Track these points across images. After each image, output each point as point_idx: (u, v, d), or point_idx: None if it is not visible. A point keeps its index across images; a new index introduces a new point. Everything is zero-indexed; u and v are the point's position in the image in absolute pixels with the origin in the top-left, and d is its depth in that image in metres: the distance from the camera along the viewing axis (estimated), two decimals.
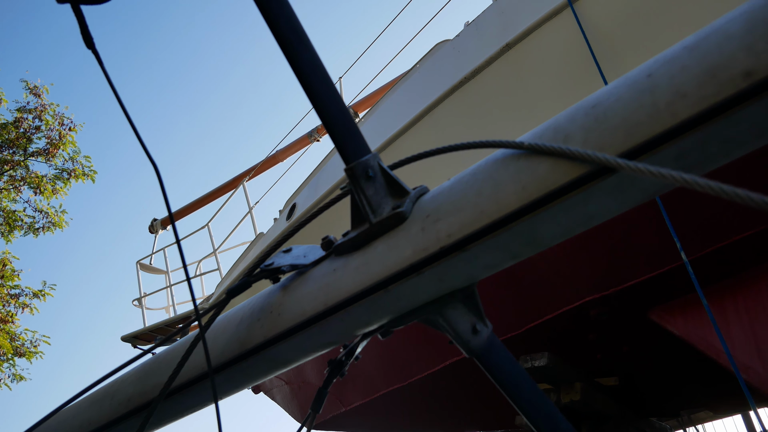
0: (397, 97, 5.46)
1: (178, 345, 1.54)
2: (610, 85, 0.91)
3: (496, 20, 4.62)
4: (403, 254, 1.02)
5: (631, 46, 3.91)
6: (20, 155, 13.49)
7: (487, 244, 0.95)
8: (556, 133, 0.91)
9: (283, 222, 6.62)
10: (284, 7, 1.12)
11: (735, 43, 0.78)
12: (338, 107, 1.11)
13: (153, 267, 9.52)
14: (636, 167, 0.77)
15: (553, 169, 0.88)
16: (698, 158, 0.83)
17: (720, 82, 0.77)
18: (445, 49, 5.05)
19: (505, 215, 0.91)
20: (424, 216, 1.03)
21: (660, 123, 0.80)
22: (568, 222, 0.91)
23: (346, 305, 1.11)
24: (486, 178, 0.96)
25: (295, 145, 9.01)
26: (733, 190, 0.68)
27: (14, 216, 13.61)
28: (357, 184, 1.09)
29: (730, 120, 0.77)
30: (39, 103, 13.47)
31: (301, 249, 1.30)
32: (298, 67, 1.10)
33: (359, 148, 1.12)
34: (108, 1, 1.21)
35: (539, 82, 4.29)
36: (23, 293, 13.36)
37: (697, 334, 3.77)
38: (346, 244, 1.14)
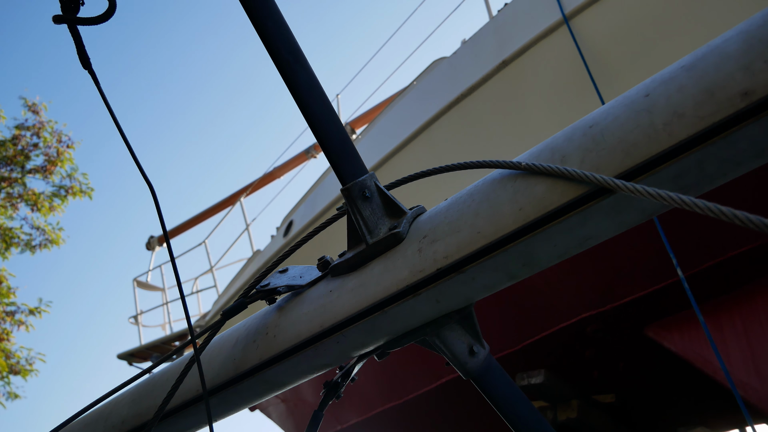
0: (395, 114, 5.47)
1: (173, 366, 1.52)
2: (607, 105, 0.91)
3: (492, 38, 4.65)
4: (399, 276, 1.01)
5: (627, 63, 3.93)
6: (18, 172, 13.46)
7: (484, 266, 0.94)
8: (553, 154, 0.91)
9: (280, 239, 6.61)
10: (281, 27, 1.12)
11: (732, 62, 0.78)
12: (335, 127, 1.11)
13: (150, 284, 9.48)
14: (634, 188, 0.77)
15: (550, 189, 0.87)
16: (696, 179, 0.82)
17: (718, 101, 0.77)
18: (441, 66, 5.08)
19: (502, 236, 0.90)
20: (420, 237, 1.02)
21: (658, 143, 0.80)
22: (566, 243, 0.90)
23: (342, 327, 1.09)
24: (483, 199, 0.96)
25: (293, 161, 9.02)
26: (731, 211, 0.68)
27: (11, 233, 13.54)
28: (353, 204, 1.08)
29: (728, 140, 0.77)
30: (37, 120, 13.47)
31: (297, 269, 1.29)
32: (295, 87, 1.10)
33: (356, 168, 1.11)
34: (105, 21, 1.21)
35: (535, 99, 4.31)
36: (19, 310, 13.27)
37: (693, 351, 3.75)
38: (343, 264, 1.13)
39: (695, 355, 3.72)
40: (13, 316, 13.24)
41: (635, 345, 4.21)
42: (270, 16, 1.11)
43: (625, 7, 3.93)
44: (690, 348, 3.77)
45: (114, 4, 1.20)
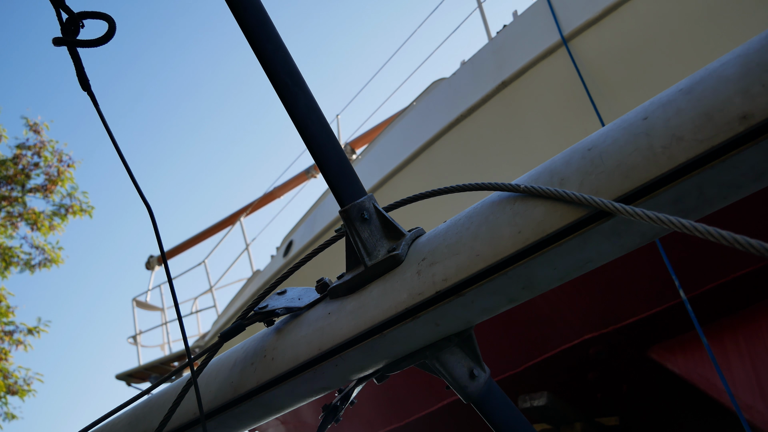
0: (394, 134, 5.49)
1: (170, 388, 1.50)
2: (605, 128, 0.91)
3: (491, 59, 4.67)
4: (398, 298, 1.01)
5: (626, 84, 3.95)
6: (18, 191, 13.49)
7: (483, 289, 0.93)
8: (552, 176, 0.91)
9: (279, 259, 6.60)
10: (279, 50, 1.13)
11: (730, 86, 0.78)
12: (333, 149, 1.11)
13: (149, 304, 9.45)
14: (634, 212, 0.76)
15: (549, 212, 0.87)
16: (696, 202, 0.82)
17: (716, 125, 0.77)
18: (441, 87, 5.10)
19: (501, 259, 0.90)
20: (419, 259, 1.02)
21: (657, 167, 0.79)
22: (566, 266, 0.90)
23: (340, 350, 1.08)
24: (482, 222, 0.95)
25: (293, 181, 9.03)
26: (732, 236, 0.67)
27: (10, 252, 13.53)
28: (352, 226, 1.08)
29: (728, 164, 0.77)
30: (38, 140, 13.52)
31: (295, 291, 1.28)
32: (293, 110, 1.10)
33: (354, 190, 1.11)
34: (104, 44, 1.21)
35: (535, 120, 4.32)
36: (17, 330, 13.21)
37: (697, 373, 3.72)
38: (341, 287, 1.12)
39: (699, 377, 3.69)
40: (11, 335, 13.17)
41: (639, 367, 4.18)
42: (269, 40, 1.12)
43: (623, 28, 3.96)
44: (694, 370, 3.74)
45: (113, 27, 1.21)
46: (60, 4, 1.28)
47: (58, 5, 1.28)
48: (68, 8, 1.28)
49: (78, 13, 1.26)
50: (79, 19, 1.26)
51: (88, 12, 1.26)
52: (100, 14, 1.25)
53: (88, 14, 1.26)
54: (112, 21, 1.22)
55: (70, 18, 1.27)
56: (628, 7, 3.93)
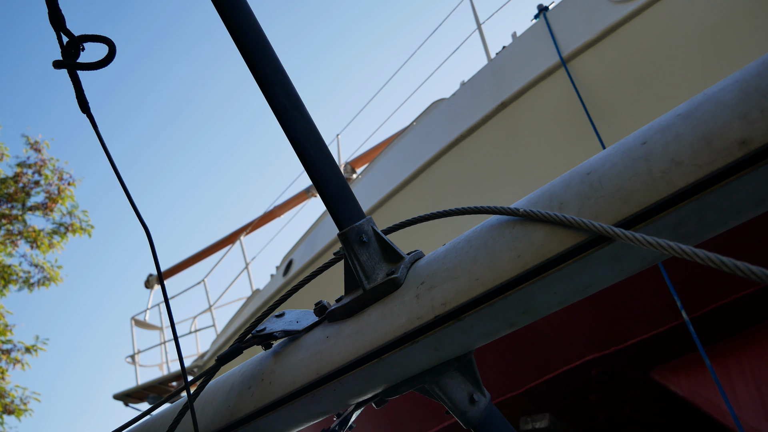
0: (394, 154, 5.50)
1: (166, 412, 1.49)
2: (604, 152, 0.91)
3: (490, 79, 4.70)
4: (397, 322, 1.00)
5: (625, 105, 3.97)
6: (18, 209, 13.49)
7: (482, 313, 0.92)
8: (551, 200, 0.90)
9: (279, 278, 6.58)
10: (278, 73, 1.13)
11: (729, 111, 0.78)
12: (331, 172, 1.11)
13: (147, 323, 9.41)
14: (633, 237, 0.76)
15: (548, 237, 0.86)
16: (696, 227, 0.81)
17: (715, 150, 0.77)
18: (441, 108, 5.13)
19: (500, 284, 0.89)
20: (418, 283, 1.01)
21: (656, 191, 0.79)
22: (565, 291, 0.89)
23: (338, 375, 1.07)
24: (481, 245, 0.95)
25: (293, 200, 9.04)
26: (733, 262, 0.67)
27: (9, 270, 13.50)
28: (350, 249, 1.07)
29: (727, 189, 0.76)
30: (39, 158, 13.56)
31: (293, 314, 1.27)
32: (292, 133, 1.10)
33: (353, 213, 1.11)
34: (104, 66, 1.21)
35: (534, 140, 4.33)
36: (15, 348, 13.14)
37: (701, 395, 3.68)
38: (340, 310, 1.11)
39: (703, 399, 3.65)
40: (8, 354, 13.10)
41: (641, 388, 4.15)
42: (268, 63, 1.12)
43: (621, 50, 3.99)
44: (697, 392, 3.70)
45: (113, 50, 1.21)
46: (60, 27, 1.29)
47: (59, 28, 1.29)
48: (69, 31, 1.29)
49: (79, 36, 1.27)
50: (80, 42, 1.27)
51: (89, 35, 1.27)
52: (101, 37, 1.26)
53: (88, 37, 1.27)
54: (113, 44, 1.23)
55: (70, 41, 1.27)
56: (627, 28, 3.96)
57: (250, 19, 1.18)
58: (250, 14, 1.19)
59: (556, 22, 4.36)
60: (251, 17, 1.19)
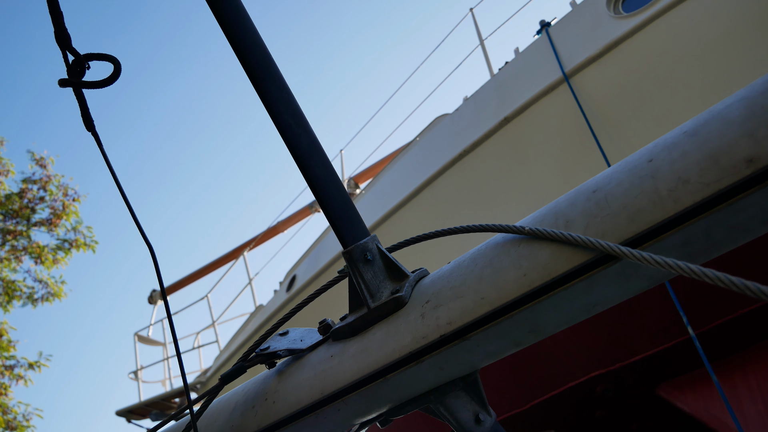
0: (398, 170, 5.51)
1: (169, 431, 1.48)
2: (609, 170, 0.90)
3: (493, 95, 4.71)
4: (402, 342, 0.99)
5: (628, 119, 3.97)
6: (23, 225, 13.52)
7: (488, 333, 0.91)
8: (557, 218, 0.90)
9: (283, 294, 6.56)
10: (283, 91, 1.13)
11: (735, 129, 0.78)
12: (336, 190, 1.10)
13: (151, 339, 9.38)
14: (641, 256, 0.75)
15: (554, 255, 0.85)
16: (704, 245, 0.80)
17: (722, 168, 0.76)
18: (444, 123, 5.14)
19: (506, 303, 0.88)
20: (423, 301, 1.00)
21: (663, 210, 0.78)
22: (572, 310, 0.88)
23: (343, 394, 1.06)
24: (486, 264, 0.94)
25: (296, 216, 9.04)
26: (743, 282, 0.66)
27: (13, 286, 13.50)
28: (355, 267, 1.06)
29: (735, 207, 0.76)
30: (44, 174, 13.61)
31: (297, 332, 1.26)
32: (296, 151, 1.10)
33: (357, 231, 1.10)
34: (109, 85, 1.22)
35: (537, 155, 4.33)
36: (18, 364, 13.11)
37: (707, 411, 3.65)
38: (344, 329, 1.11)
39: (709, 416, 3.62)
40: (12, 370, 13.07)
41: (647, 405, 4.11)
42: (273, 81, 1.12)
43: (623, 65, 4.00)
44: (704, 408, 3.66)
45: (119, 68, 1.22)
46: (66, 46, 1.29)
47: (65, 47, 1.30)
48: (74, 50, 1.29)
49: (84, 55, 1.27)
50: (85, 61, 1.27)
51: (94, 54, 1.27)
52: (106, 56, 1.26)
53: (94, 56, 1.27)
54: (118, 63, 1.23)
55: (76, 60, 1.28)
56: (628, 44, 3.97)
57: (254, 37, 1.19)
58: (254, 32, 1.20)
59: (558, 37, 4.38)
60: (255, 35, 1.19)
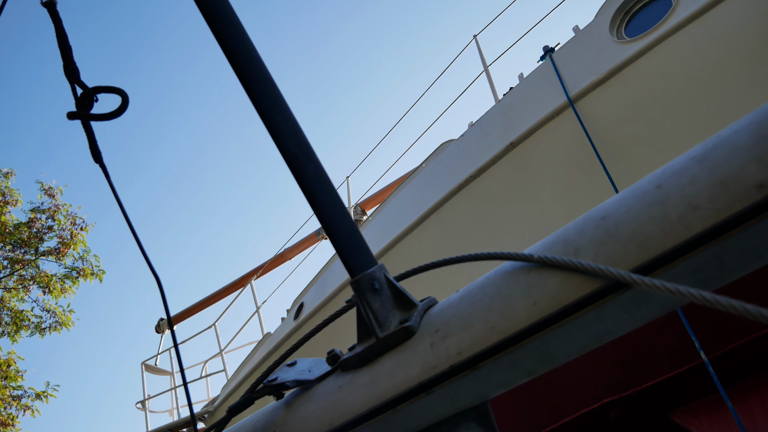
0: (404, 196, 5.52)
1: None
2: (618, 196, 0.90)
3: (499, 120, 4.73)
4: (411, 372, 0.98)
5: (634, 143, 3.97)
6: (31, 254, 13.58)
7: (499, 362, 0.90)
8: (566, 246, 0.89)
9: (290, 322, 6.53)
10: (289, 121, 1.14)
11: (744, 154, 0.77)
12: (343, 219, 1.10)
13: (158, 368, 9.33)
14: (652, 284, 0.74)
15: (564, 283, 0.85)
16: (716, 272, 0.79)
17: (732, 194, 0.75)
18: (450, 149, 5.15)
19: (516, 332, 0.87)
20: (432, 331, 0.99)
21: (674, 236, 0.78)
22: (583, 338, 0.87)
23: (352, 426, 1.05)
24: (495, 292, 0.93)
25: (304, 243, 9.04)
26: (758, 310, 0.65)
27: (21, 316, 13.52)
28: (363, 297, 1.06)
29: (747, 233, 0.75)
30: (53, 204, 13.71)
31: (305, 363, 1.25)
32: (303, 180, 1.10)
33: (364, 260, 1.10)
34: (117, 117, 1.23)
35: (544, 180, 4.33)
36: (25, 394, 13.06)
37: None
38: (353, 359, 1.09)
39: None
40: (19, 400, 13.02)
41: (662, 431, 4.04)
42: (279, 111, 1.13)
43: (628, 89, 4.01)
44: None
45: (126, 101, 1.23)
46: (75, 79, 1.31)
47: (73, 80, 1.31)
48: (83, 83, 1.31)
49: (92, 88, 1.29)
50: (93, 94, 1.29)
51: (102, 87, 1.29)
52: (114, 89, 1.28)
53: (102, 89, 1.29)
54: (125, 95, 1.24)
55: (84, 93, 1.29)
56: (632, 68, 3.99)
57: (260, 69, 1.20)
58: (260, 64, 1.21)
59: (562, 62, 4.40)
60: (262, 66, 1.20)
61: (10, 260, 13.51)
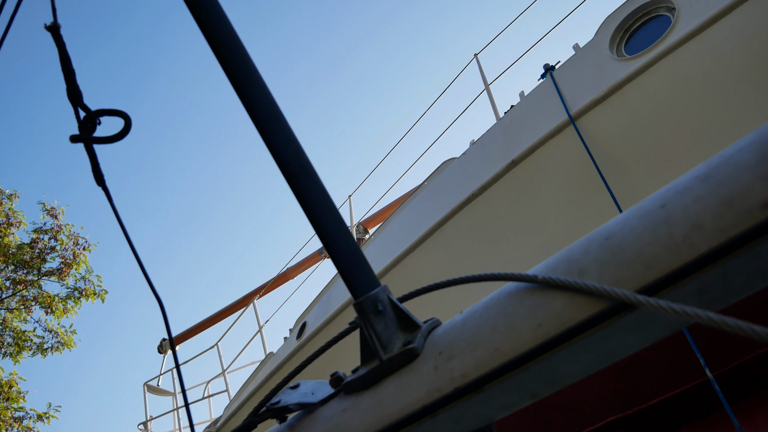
0: (406, 215, 5.52)
1: None
2: (621, 216, 0.89)
3: (500, 138, 4.74)
4: (415, 395, 0.97)
5: (635, 160, 3.98)
6: (34, 275, 13.57)
7: (504, 385, 0.89)
8: (570, 266, 0.88)
9: (293, 341, 6.50)
10: (291, 143, 1.14)
11: (748, 173, 0.77)
12: (345, 240, 1.10)
13: (160, 389, 9.28)
14: (658, 305, 0.73)
15: (569, 304, 0.84)
16: (722, 292, 0.79)
17: (737, 213, 0.75)
18: (452, 167, 5.16)
19: (521, 354, 0.86)
20: (436, 353, 0.98)
21: (679, 256, 0.77)
22: (589, 360, 0.86)
23: None
24: (499, 313, 0.92)
25: (306, 262, 9.03)
26: (766, 331, 0.64)
27: (24, 336, 13.48)
28: (366, 319, 1.05)
29: (753, 252, 0.74)
30: (55, 224, 13.72)
31: (308, 385, 1.24)
32: (305, 202, 1.09)
33: (368, 281, 1.09)
34: (119, 140, 1.23)
35: (546, 198, 4.33)
36: (27, 416, 12.98)
37: None
38: (356, 382, 1.08)
39: None
40: (21, 422, 12.94)
41: None
42: (281, 133, 1.13)
43: (628, 107, 4.02)
44: None
45: (129, 124, 1.23)
46: (78, 102, 1.32)
47: (76, 103, 1.32)
48: (86, 106, 1.31)
49: (95, 111, 1.29)
50: (96, 117, 1.29)
51: (105, 110, 1.29)
52: (117, 112, 1.28)
53: (104, 112, 1.29)
54: (128, 118, 1.25)
55: (87, 116, 1.30)
56: (632, 85, 4.01)
57: (262, 89, 1.20)
58: (262, 84, 1.21)
59: (562, 80, 4.42)
60: (263, 87, 1.21)
61: (13, 281, 13.50)
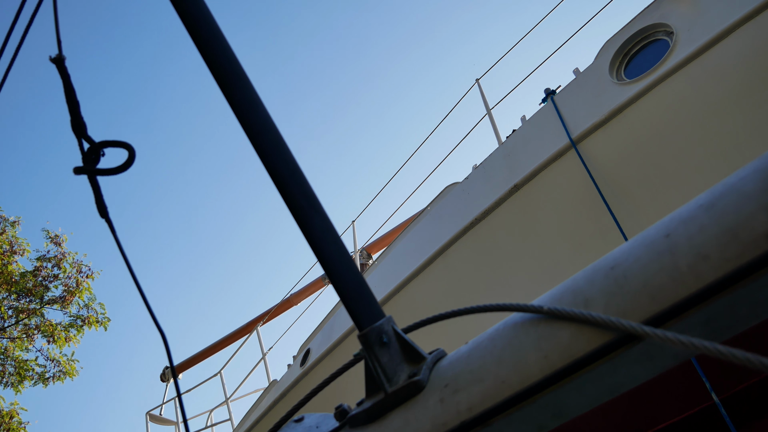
0: (410, 240, 5.51)
1: None
2: (626, 245, 0.89)
3: (502, 163, 4.75)
4: (421, 429, 0.95)
5: (638, 184, 3.98)
6: (36, 303, 13.53)
7: (511, 419, 0.88)
8: (576, 297, 0.88)
9: (296, 369, 6.45)
10: (295, 174, 1.14)
11: (752, 202, 0.76)
12: (350, 272, 1.09)
13: (163, 418, 9.19)
14: (665, 336, 0.73)
15: (575, 336, 0.83)
16: (728, 322, 0.78)
17: (742, 243, 0.75)
18: (455, 192, 5.17)
19: (528, 386, 0.85)
20: (442, 385, 0.97)
21: (685, 287, 0.77)
22: (596, 392, 0.85)
23: None
24: (505, 345, 0.92)
25: (309, 288, 8.99)
26: None
27: (26, 366, 13.40)
28: (371, 351, 1.04)
29: (759, 283, 0.74)
30: (58, 251, 13.72)
31: (313, 418, 1.23)
32: (310, 233, 1.09)
33: (372, 312, 1.08)
34: (123, 171, 1.24)
35: (549, 222, 4.33)
36: None
37: None
38: (361, 415, 1.07)
39: None
40: None
41: None
42: (285, 164, 1.13)
43: (630, 130, 4.04)
44: None
45: (133, 155, 1.24)
46: (82, 134, 1.32)
47: (81, 135, 1.33)
48: (90, 138, 1.32)
49: (99, 142, 1.30)
50: (100, 149, 1.30)
51: (109, 141, 1.30)
52: (121, 143, 1.29)
53: (108, 143, 1.30)
54: (132, 149, 1.25)
55: (91, 147, 1.30)
56: (633, 109, 4.03)
57: (266, 120, 1.21)
58: (265, 114, 1.22)
59: (563, 104, 4.45)
60: (267, 117, 1.21)
61: (15, 309, 13.46)
